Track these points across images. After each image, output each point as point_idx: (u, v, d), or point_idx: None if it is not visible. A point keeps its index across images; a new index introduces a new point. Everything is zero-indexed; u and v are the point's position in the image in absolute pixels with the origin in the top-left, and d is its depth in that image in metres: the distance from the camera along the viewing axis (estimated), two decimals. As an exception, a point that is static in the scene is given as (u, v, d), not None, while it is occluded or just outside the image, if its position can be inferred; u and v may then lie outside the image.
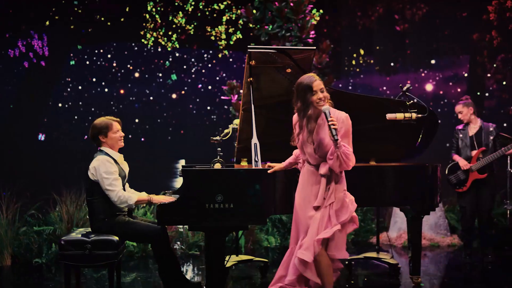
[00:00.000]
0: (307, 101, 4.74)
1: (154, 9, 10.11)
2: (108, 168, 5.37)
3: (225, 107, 10.17)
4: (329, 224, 4.73)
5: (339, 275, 5.08)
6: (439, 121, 6.19)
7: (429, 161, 6.08)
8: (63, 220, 7.55)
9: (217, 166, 5.63)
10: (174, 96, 10.16)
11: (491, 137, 7.44)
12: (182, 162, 9.70)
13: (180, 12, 10.22)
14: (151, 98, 10.05)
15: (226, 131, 6.10)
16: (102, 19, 9.84)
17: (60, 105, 9.57)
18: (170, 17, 10.18)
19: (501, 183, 8.09)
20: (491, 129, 7.47)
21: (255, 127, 5.44)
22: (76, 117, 9.49)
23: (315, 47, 5.70)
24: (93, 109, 9.71)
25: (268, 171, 5.06)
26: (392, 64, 11.66)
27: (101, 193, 5.38)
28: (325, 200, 4.76)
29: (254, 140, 5.36)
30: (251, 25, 8.51)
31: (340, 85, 11.35)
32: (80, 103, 9.69)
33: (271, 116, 6.03)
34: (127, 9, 10.00)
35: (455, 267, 7.58)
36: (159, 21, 10.16)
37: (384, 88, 11.21)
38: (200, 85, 10.43)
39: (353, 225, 4.89)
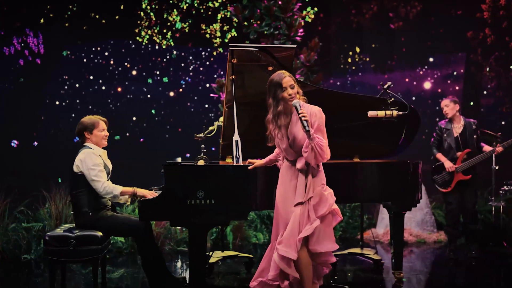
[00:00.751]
0: (277, 97, 4.85)
1: (148, 7, 10.13)
2: (94, 160, 5.50)
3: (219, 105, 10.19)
4: (309, 221, 4.78)
5: (326, 272, 5.11)
6: (420, 118, 6.27)
7: (419, 157, 6.18)
8: (52, 216, 7.63)
9: (201, 163, 5.72)
10: (171, 94, 10.22)
11: (475, 137, 7.52)
12: (178, 160, 9.46)
13: (175, 10, 10.24)
14: (149, 96, 10.11)
15: (211, 128, 6.21)
16: (97, 16, 9.89)
17: (57, 103, 9.65)
18: (165, 15, 10.21)
19: (484, 180, 8.18)
20: (473, 127, 7.54)
21: (238, 124, 5.54)
22: (73, 115, 9.57)
23: (295, 46, 5.80)
24: (90, 107, 9.77)
25: (249, 167, 5.15)
26: (389, 62, 11.67)
27: (86, 186, 5.50)
28: (305, 195, 4.82)
29: (236, 137, 5.47)
30: (235, 22, 8.54)
31: (338, 83, 11.40)
32: (78, 101, 9.76)
33: (255, 113, 6.04)
34: (121, 7, 10.03)
35: (440, 263, 7.67)
36: (154, 19, 10.19)
37: (382, 82, 11.14)
38: (197, 83, 10.48)
39: (336, 217, 4.93)
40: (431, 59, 11.41)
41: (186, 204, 5.03)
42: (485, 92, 11.14)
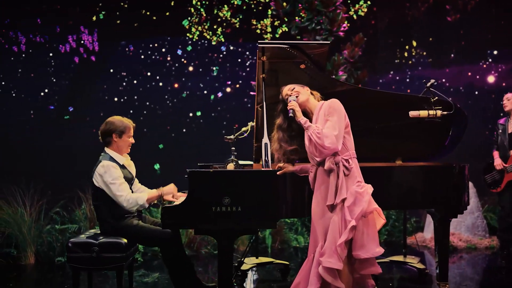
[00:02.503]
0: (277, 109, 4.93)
1: (198, 3, 9.99)
2: (113, 174, 5.19)
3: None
4: (346, 224, 4.42)
5: (373, 284, 4.68)
6: (467, 118, 5.80)
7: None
8: (87, 218, 7.46)
9: (230, 166, 5.42)
10: (228, 89, 10.07)
11: None
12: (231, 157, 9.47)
13: (225, 6, 10.08)
14: (205, 92, 9.97)
15: (243, 129, 5.89)
16: (148, 13, 9.78)
17: (115, 99, 9.59)
18: (215, 11, 10.05)
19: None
20: None
21: (268, 126, 5.20)
22: (131, 111, 9.47)
23: (329, 42, 5.41)
24: (147, 103, 9.69)
25: (278, 173, 4.82)
26: (447, 56, 11.19)
27: (106, 198, 5.22)
28: (336, 197, 4.47)
29: (265, 139, 5.12)
30: (285, 18, 8.22)
31: (397, 78, 11.03)
32: (135, 97, 9.67)
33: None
34: (172, 3, 9.92)
35: (491, 271, 7.16)
36: (204, 15, 10.03)
37: (443, 80, 10.78)
38: (253, 79, 10.03)
39: (377, 218, 4.56)
40: (495, 52, 10.90)
41: (211, 211, 4.73)
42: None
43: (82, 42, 9.32)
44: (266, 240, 7.90)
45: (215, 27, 10.09)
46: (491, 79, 10.70)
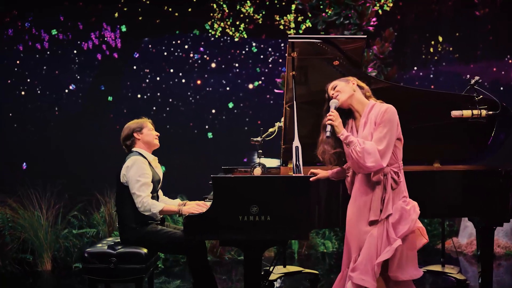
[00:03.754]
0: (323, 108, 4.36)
1: (221, -1, 9.79)
2: (140, 170, 4.78)
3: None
4: (388, 242, 3.93)
5: None
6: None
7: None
8: (106, 222, 7.03)
9: (257, 171, 4.94)
10: (250, 86, 9.71)
11: None
12: (255, 154, 9.23)
13: (248, 1, 9.72)
14: (228, 88, 9.65)
15: (270, 130, 5.40)
16: (170, 9, 9.48)
17: (139, 96, 9.32)
18: (238, 6, 9.72)
19: None
20: None
21: (299, 126, 4.72)
22: (154, 108, 9.26)
23: (365, 36, 4.87)
24: (170, 99, 9.41)
25: (310, 179, 4.32)
26: (474, 51, 10.69)
27: (132, 200, 4.79)
28: (382, 213, 3.97)
29: (296, 142, 4.63)
30: (309, 12, 7.76)
31: (421, 73, 10.54)
32: (158, 94, 9.41)
33: (319, 113, 5.26)
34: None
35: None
36: (227, 11, 9.70)
37: (468, 76, 10.25)
38: (276, 75, 9.75)
39: (421, 238, 4.05)
40: None
41: (238, 221, 4.25)
42: None
43: (105, 39, 9.08)
44: (292, 245, 7.42)
45: (237, 23, 9.78)
46: None
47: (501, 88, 9.95)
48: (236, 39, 9.67)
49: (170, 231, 4.87)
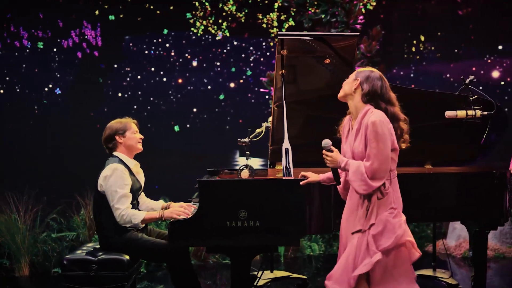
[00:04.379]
0: None
1: (203, -3, 9.65)
2: (120, 181, 4.46)
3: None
4: (368, 254, 3.63)
5: None
6: (508, 119, 5.08)
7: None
8: (86, 225, 6.75)
9: (244, 173, 4.67)
10: (232, 85, 9.61)
11: None
12: (237, 153, 9.36)
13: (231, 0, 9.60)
14: (209, 87, 9.55)
15: (258, 130, 5.14)
16: (151, 7, 9.31)
17: (119, 94, 9.17)
18: (220, 5, 9.54)
19: None
20: None
21: (289, 126, 4.49)
22: (135, 106, 9.14)
23: (358, 33, 4.64)
24: (151, 98, 9.29)
25: (301, 183, 4.08)
26: (455, 50, 10.58)
27: (110, 208, 4.49)
28: (365, 222, 3.69)
29: (286, 144, 4.40)
30: (292, 11, 7.55)
31: (402, 73, 10.45)
32: (139, 92, 9.28)
33: (308, 113, 5.07)
34: (176, -3, 9.58)
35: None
36: (209, 9, 9.53)
37: (448, 75, 10.23)
38: (258, 74, 9.71)
39: (413, 252, 3.70)
40: (500, 47, 10.28)
41: (225, 226, 4.01)
42: None
43: (85, 37, 8.90)
44: (278, 248, 7.17)
45: (220, 21, 9.63)
46: (495, 74, 10.15)
47: (480, 87, 9.58)
48: (219, 38, 9.55)
49: (150, 239, 4.59)
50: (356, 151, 3.73)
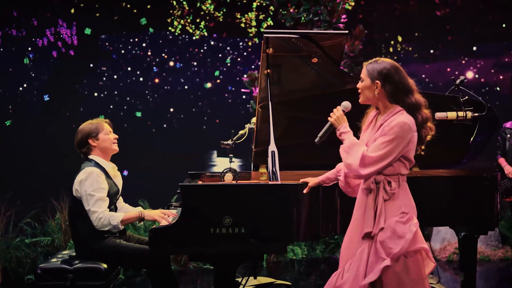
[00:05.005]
0: None
1: (181, -5, 9.53)
2: (95, 184, 4.21)
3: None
4: (377, 261, 3.39)
5: None
6: (498, 120, 4.91)
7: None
8: (62, 229, 6.46)
9: (228, 177, 4.45)
10: (209, 85, 9.48)
11: None
12: (215, 153, 9.33)
13: (209, -1, 9.55)
14: (186, 87, 9.43)
15: (241, 132, 4.90)
16: (128, 6, 9.11)
17: (95, 94, 9.00)
18: (198, 4, 9.40)
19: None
20: None
21: (274, 129, 4.27)
22: (111, 106, 8.98)
23: (347, 31, 4.40)
24: (128, 98, 9.12)
25: (304, 191, 3.88)
26: (431, 51, 10.54)
27: (87, 213, 4.23)
28: (375, 226, 3.43)
29: (272, 147, 4.19)
30: (271, 10, 7.37)
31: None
32: (116, 92, 9.13)
33: (294, 114, 4.85)
34: (153, -5, 9.43)
35: (508, 285, 6.29)
36: (187, 8, 9.38)
37: (423, 76, 10.17)
38: (234, 74, 9.70)
39: (427, 262, 3.47)
40: (474, 48, 10.25)
41: (209, 233, 3.78)
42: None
43: (60, 36, 8.67)
44: (264, 256, 6.94)
45: (198, 20, 9.45)
46: (469, 75, 9.99)
47: (455, 89, 9.71)
48: (197, 37, 9.40)
49: (129, 245, 4.35)
50: (369, 142, 3.50)
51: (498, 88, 9.56)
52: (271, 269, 6.69)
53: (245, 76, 8.02)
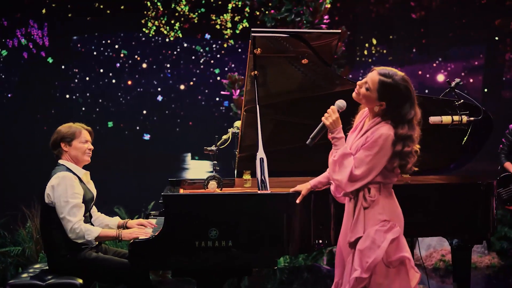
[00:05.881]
0: None
1: (155, -4, 9.46)
2: (69, 190, 3.87)
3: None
4: (351, 272, 3.21)
5: None
6: (493, 124, 4.67)
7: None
8: (33, 238, 6.15)
9: (212, 185, 4.14)
10: (182, 87, 9.49)
11: None
12: (188, 156, 9.31)
13: (183, 0, 9.42)
14: (159, 89, 9.40)
15: (224, 137, 4.58)
16: (101, 6, 9.04)
17: (67, 96, 8.94)
18: (173, 5, 9.38)
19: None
20: None
21: (262, 134, 3.98)
22: (83, 108, 8.93)
23: (339, 31, 4.11)
24: (100, 100, 9.10)
25: (297, 200, 3.59)
26: (407, 54, 10.60)
27: (60, 222, 3.89)
28: (352, 234, 3.23)
29: (260, 153, 3.88)
30: (246, 12, 7.18)
31: (350, 76, 10.16)
32: (88, 94, 9.10)
33: (279, 118, 4.58)
34: (126, -4, 9.35)
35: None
36: (161, 9, 9.35)
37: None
38: (208, 76, 9.75)
39: (412, 273, 3.24)
40: (449, 51, 10.33)
41: (194, 247, 3.49)
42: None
43: (31, 36, 8.55)
44: (251, 271, 6.67)
45: (172, 22, 9.40)
46: (440, 78, 10.06)
47: (426, 91, 9.81)
48: (171, 38, 9.35)
49: (107, 258, 4.02)
50: (352, 147, 3.25)
51: (466, 91, 9.63)
52: (253, 278, 6.42)
53: (224, 78, 7.80)
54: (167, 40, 9.28)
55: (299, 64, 4.19)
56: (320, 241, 3.78)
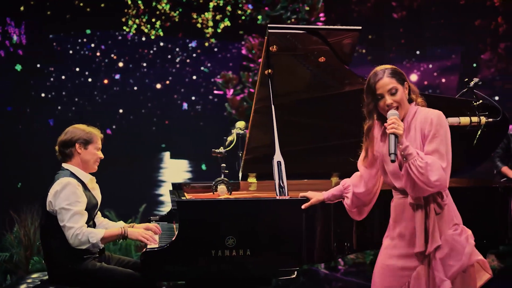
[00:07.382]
0: (369, 106, 3.07)
1: (136, -6, 9.37)
2: (72, 197, 3.55)
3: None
4: (434, 284, 2.97)
5: None
6: (509, 125, 4.49)
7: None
8: (21, 244, 5.84)
9: (222, 189, 3.87)
10: (158, 86, 9.49)
11: None
12: (167, 155, 9.35)
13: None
14: (135, 88, 9.39)
15: (229, 138, 4.33)
16: (81, 4, 8.97)
17: (43, 95, 8.75)
18: (154, 3, 9.37)
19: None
20: None
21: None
22: (59, 107, 8.73)
23: (360, 28, 3.89)
24: (76, 99, 9.02)
25: (303, 206, 3.34)
26: (387, 54, 10.68)
27: (62, 230, 3.58)
28: (429, 244, 2.96)
29: (277, 156, 3.65)
30: (228, 11, 7.06)
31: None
32: (64, 93, 8.99)
33: (288, 118, 4.29)
34: (107, -6, 9.27)
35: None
36: (142, 7, 9.34)
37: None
38: (184, 75, 9.85)
39: (482, 273, 3.06)
40: (425, 51, 10.47)
41: (210, 256, 3.25)
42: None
43: (8, 35, 8.37)
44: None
45: (153, 20, 9.39)
46: (413, 77, 10.13)
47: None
48: (152, 37, 9.37)
49: (111, 268, 3.71)
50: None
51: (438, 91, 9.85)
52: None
53: (218, 77, 7.56)
54: (143, 38, 9.31)
55: (308, 62, 3.96)
56: (342, 248, 3.57)
